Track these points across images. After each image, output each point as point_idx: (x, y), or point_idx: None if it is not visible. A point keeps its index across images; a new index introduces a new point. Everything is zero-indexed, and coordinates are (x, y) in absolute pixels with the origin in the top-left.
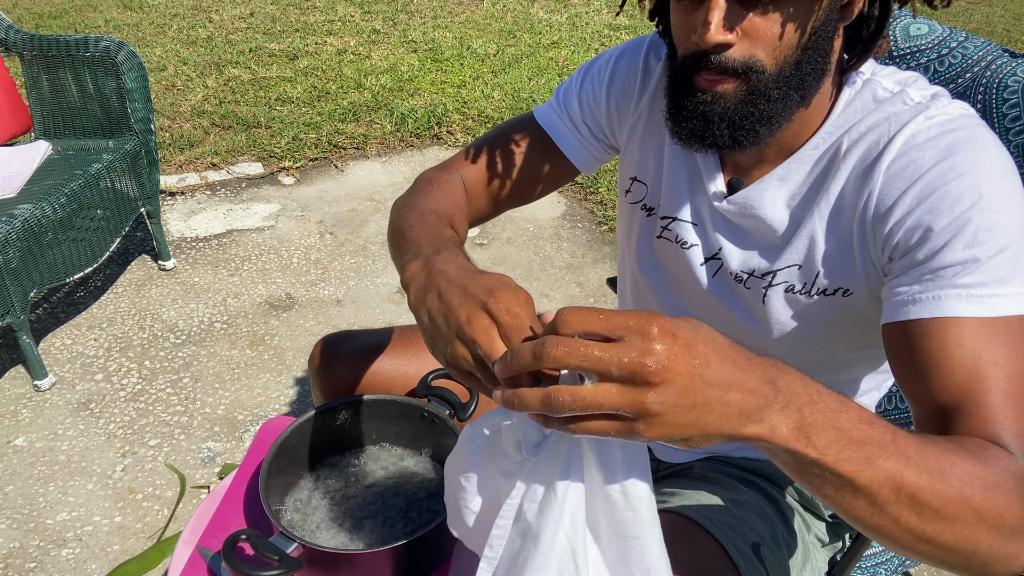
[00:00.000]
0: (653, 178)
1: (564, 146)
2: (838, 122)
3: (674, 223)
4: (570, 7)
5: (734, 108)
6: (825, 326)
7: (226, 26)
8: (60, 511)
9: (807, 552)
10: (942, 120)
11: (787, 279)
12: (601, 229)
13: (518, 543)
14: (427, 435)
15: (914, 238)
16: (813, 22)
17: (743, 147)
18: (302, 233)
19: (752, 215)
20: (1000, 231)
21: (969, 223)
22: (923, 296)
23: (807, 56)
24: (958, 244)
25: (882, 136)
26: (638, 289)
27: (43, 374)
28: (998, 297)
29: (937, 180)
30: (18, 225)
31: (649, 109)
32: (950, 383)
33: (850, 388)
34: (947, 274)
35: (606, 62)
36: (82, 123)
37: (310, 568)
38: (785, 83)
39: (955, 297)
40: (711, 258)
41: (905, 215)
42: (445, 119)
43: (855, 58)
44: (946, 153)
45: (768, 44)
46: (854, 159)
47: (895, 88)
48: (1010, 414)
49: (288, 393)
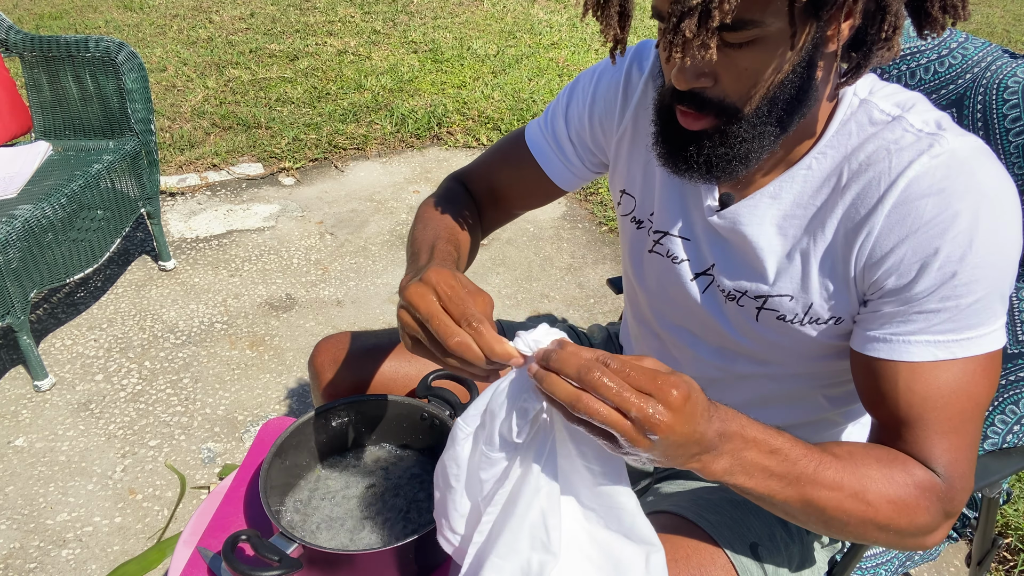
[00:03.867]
0: (640, 191)
1: (546, 167)
2: (832, 142)
3: (665, 238)
4: (570, 7)
5: (710, 147)
6: (815, 345)
7: (226, 27)
8: (60, 511)
9: (806, 552)
10: (947, 160)
11: (779, 308)
12: (601, 230)
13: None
14: (427, 435)
15: (900, 286)
16: (789, 61)
17: (721, 181)
18: (302, 234)
19: (741, 232)
20: (981, 284)
21: (953, 277)
22: (894, 339)
23: (784, 93)
24: (936, 295)
25: (883, 173)
26: (635, 298)
27: (43, 374)
28: (964, 341)
29: (933, 235)
30: (18, 226)
31: (633, 124)
32: (904, 412)
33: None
34: (919, 320)
35: (588, 80)
36: (82, 124)
37: (310, 568)
38: (761, 122)
39: (924, 343)
40: (702, 274)
41: (898, 263)
42: (445, 120)
43: (849, 74)
44: (946, 205)
45: (741, 86)
46: (853, 193)
47: (894, 111)
48: (944, 445)
49: (288, 394)
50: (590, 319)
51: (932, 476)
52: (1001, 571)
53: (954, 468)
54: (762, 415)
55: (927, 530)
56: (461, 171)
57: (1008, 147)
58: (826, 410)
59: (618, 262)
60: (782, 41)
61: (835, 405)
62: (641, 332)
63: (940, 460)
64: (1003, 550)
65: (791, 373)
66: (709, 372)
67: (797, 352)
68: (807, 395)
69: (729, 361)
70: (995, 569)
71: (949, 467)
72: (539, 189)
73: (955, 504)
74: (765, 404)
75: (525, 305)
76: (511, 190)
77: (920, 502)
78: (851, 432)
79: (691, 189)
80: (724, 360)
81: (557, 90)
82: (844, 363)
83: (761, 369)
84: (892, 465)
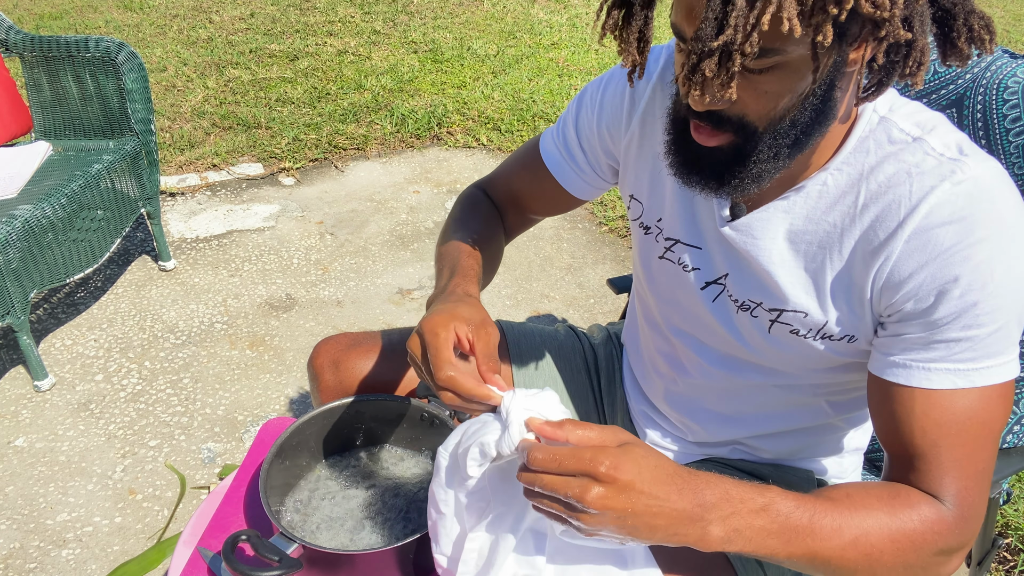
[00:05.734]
0: (648, 197)
1: (560, 177)
2: (849, 159)
3: (677, 246)
4: (570, 8)
5: (724, 163)
6: (828, 359)
7: (226, 27)
8: (60, 512)
9: None
10: (968, 189)
11: (792, 322)
12: (601, 230)
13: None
14: (427, 435)
15: (919, 310)
16: (810, 84)
17: (733, 197)
18: (302, 234)
19: (753, 243)
20: (1002, 312)
21: (975, 306)
22: (914, 364)
23: (804, 114)
24: (958, 324)
25: (903, 197)
26: (646, 300)
27: (43, 375)
28: (984, 370)
29: (954, 263)
30: (18, 226)
31: (640, 129)
32: (919, 440)
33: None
34: (940, 347)
35: (596, 88)
36: (82, 124)
37: (310, 569)
38: (778, 141)
39: (944, 372)
40: (712, 283)
41: (916, 288)
42: (445, 120)
43: (870, 91)
44: (967, 233)
45: (761, 107)
46: (872, 216)
47: (915, 132)
48: (955, 473)
49: (288, 394)
50: (590, 319)
51: (939, 510)
52: (1001, 571)
53: (964, 497)
54: (764, 420)
55: (937, 564)
56: (483, 180)
57: (1008, 147)
58: (829, 416)
59: (618, 262)
60: (804, 66)
61: (838, 411)
62: (651, 334)
63: (950, 489)
64: (1003, 550)
65: (798, 383)
66: (715, 380)
67: (806, 364)
68: (811, 402)
69: (736, 370)
70: (995, 569)
71: (959, 496)
72: (556, 198)
73: (964, 536)
74: (768, 410)
75: (525, 305)
76: (530, 198)
77: (927, 537)
78: (852, 438)
79: (702, 198)
80: (731, 369)
81: (557, 90)
82: (852, 375)
83: (768, 379)
84: (894, 502)
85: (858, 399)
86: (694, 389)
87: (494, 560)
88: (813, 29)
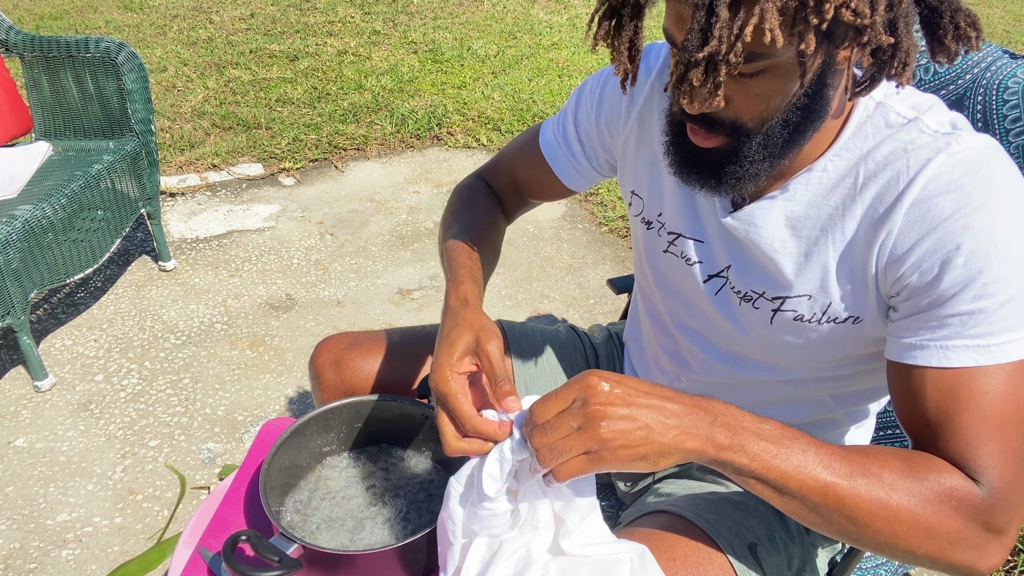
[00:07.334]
0: (648, 192)
1: (555, 166)
2: (848, 144)
3: (679, 239)
4: (570, 8)
5: (720, 163)
6: (831, 347)
7: (226, 27)
8: (60, 512)
9: (806, 553)
10: (964, 159)
11: (796, 308)
12: (601, 230)
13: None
14: (427, 435)
15: (925, 283)
16: (800, 85)
17: (732, 194)
18: (302, 234)
19: (756, 232)
20: (1009, 281)
21: (980, 275)
22: (930, 344)
23: (796, 112)
24: (967, 295)
25: (901, 172)
26: (650, 296)
27: (43, 375)
28: (1003, 344)
29: (954, 231)
30: (18, 226)
31: (639, 124)
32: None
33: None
34: (954, 323)
35: (596, 82)
36: (83, 124)
37: (310, 569)
38: (773, 140)
39: (962, 348)
40: (715, 276)
41: (920, 260)
42: (445, 120)
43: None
44: (965, 201)
45: (753, 108)
46: (872, 193)
47: (910, 114)
48: (985, 451)
49: (288, 394)
50: (590, 319)
51: (968, 484)
52: (1001, 571)
53: (996, 476)
54: (763, 413)
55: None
56: (483, 167)
57: (1008, 147)
58: (831, 409)
59: (618, 262)
60: (793, 68)
61: (840, 405)
62: (655, 331)
63: (981, 468)
64: None
65: (800, 378)
66: (718, 376)
67: (808, 357)
68: (813, 395)
69: (739, 366)
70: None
71: (991, 475)
72: (551, 186)
73: (997, 518)
74: (770, 405)
75: (525, 305)
76: (528, 184)
77: (949, 503)
78: (853, 435)
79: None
80: (734, 365)
81: (557, 90)
82: (855, 367)
83: (770, 375)
84: (914, 462)
85: (861, 392)
86: (697, 385)
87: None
88: (796, 38)
